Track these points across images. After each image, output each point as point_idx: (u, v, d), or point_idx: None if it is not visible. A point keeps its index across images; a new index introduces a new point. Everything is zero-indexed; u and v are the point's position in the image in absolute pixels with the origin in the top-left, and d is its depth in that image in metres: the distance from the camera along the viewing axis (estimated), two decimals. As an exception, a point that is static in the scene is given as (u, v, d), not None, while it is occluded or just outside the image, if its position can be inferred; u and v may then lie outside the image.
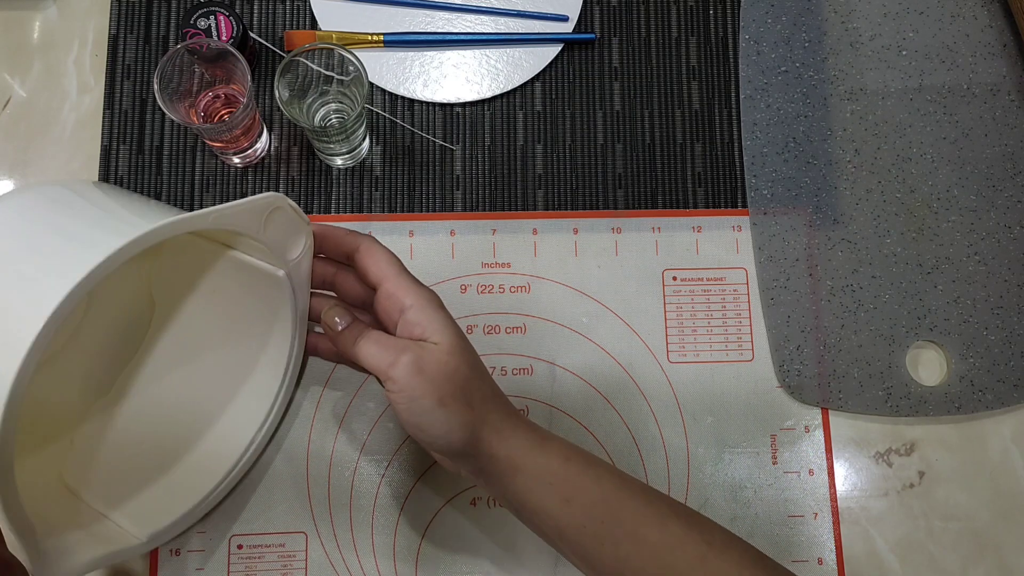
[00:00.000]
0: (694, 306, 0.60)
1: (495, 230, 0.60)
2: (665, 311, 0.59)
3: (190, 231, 0.41)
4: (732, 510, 0.57)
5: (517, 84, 0.62)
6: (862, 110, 0.63)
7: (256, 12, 0.62)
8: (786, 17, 0.64)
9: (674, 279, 0.60)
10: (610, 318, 0.59)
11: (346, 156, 0.59)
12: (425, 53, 0.62)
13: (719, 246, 0.61)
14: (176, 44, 0.55)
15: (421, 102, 0.62)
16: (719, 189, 0.62)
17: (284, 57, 0.56)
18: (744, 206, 0.61)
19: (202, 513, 0.51)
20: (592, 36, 0.63)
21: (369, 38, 0.61)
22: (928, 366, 0.60)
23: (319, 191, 0.60)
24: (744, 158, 0.62)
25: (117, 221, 0.47)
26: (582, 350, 0.58)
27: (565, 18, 0.63)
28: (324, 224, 0.48)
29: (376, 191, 0.61)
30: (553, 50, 0.62)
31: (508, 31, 0.63)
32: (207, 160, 0.60)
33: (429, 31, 0.62)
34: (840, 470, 0.58)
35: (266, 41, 0.62)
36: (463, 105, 0.62)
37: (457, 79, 0.62)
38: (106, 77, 0.61)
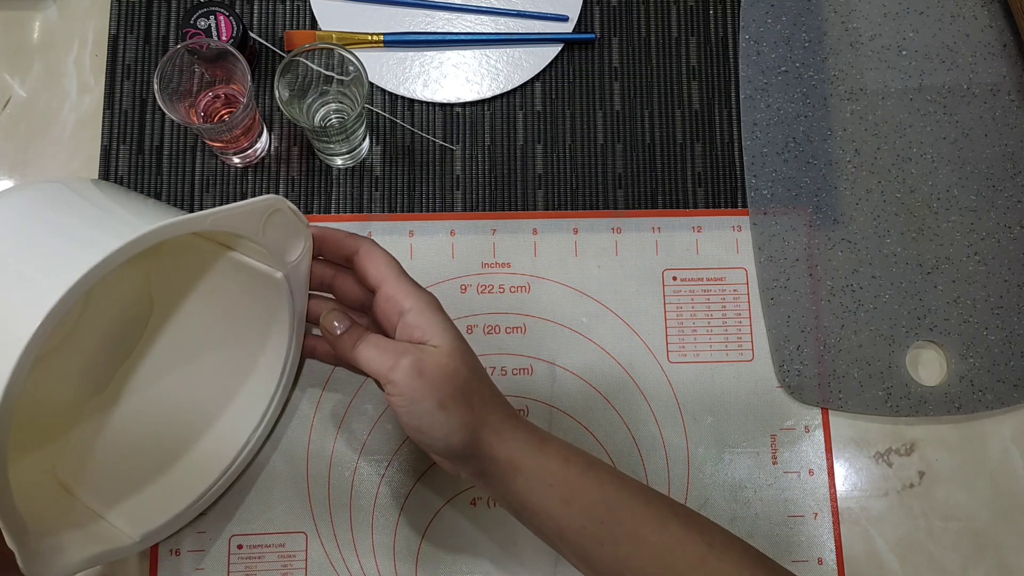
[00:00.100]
0: (694, 306, 0.60)
1: (495, 230, 0.60)
2: (665, 311, 0.59)
3: (189, 232, 0.41)
4: (732, 510, 0.57)
5: (517, 84, 0.62)
6: (862, 110, 0.63)
7: (256, 12, 0.62)
8: (786, 17, 0.64)
9: (674, 279, 0.60)
10: (610, 318, 0.59)
11: (346, 156, 0.59)
12: (425, 53, 0.62)
13: (719, 246, 0.61)
14: (176, 44, 0.55)
15: (421, 102, 0.62)
16: (719, 189, 0.62)
17: (284, 57, 0.56)
18: (744, 206, 0.61)
19: (195, 513, 0.51)
20: (592, 36, 0.63)
21: (369, 38, 0.61)
22: (928, 366, 0.60)
23: (319, 191, 0.60)
24: (744, 158, 0.62)
25: (116, 221, 0.47)
26: (582, 350, 0.58)
27: (565, 18, 0.63)
28: (323, 226, 0.48)
29: (376, 191, 0.60)
30: (553, 50, 0.62)
31: (508, 31, 0.63)
32: (207, 160, 0.60)
33: (429, 31, 0.62)
34: (840, 470, 0.58)
35: (266, 41, 0.61)
36: (463, 105, 0.62)
37: (457, 79, 0.62)
38: (106, 77, 0.61)
